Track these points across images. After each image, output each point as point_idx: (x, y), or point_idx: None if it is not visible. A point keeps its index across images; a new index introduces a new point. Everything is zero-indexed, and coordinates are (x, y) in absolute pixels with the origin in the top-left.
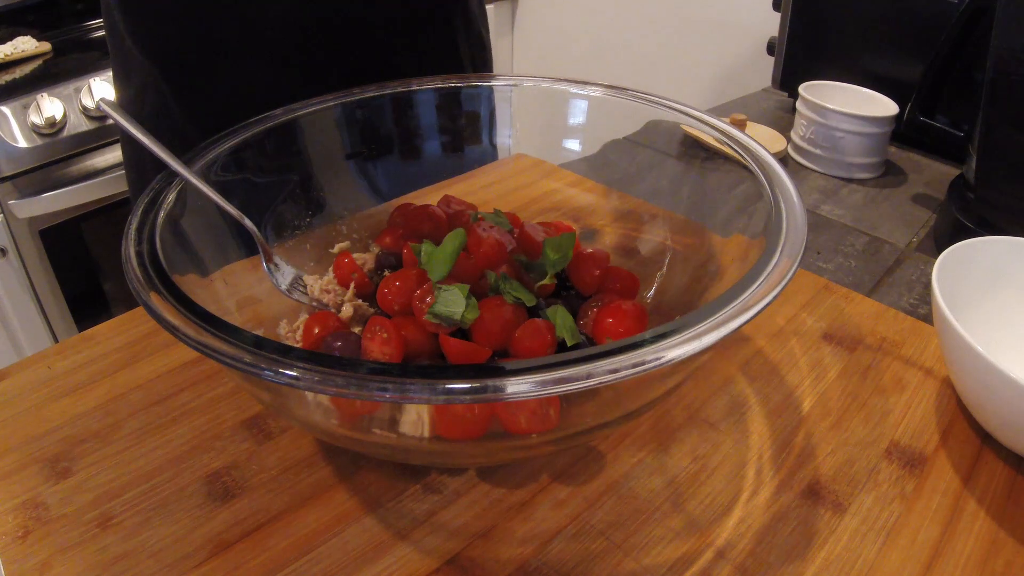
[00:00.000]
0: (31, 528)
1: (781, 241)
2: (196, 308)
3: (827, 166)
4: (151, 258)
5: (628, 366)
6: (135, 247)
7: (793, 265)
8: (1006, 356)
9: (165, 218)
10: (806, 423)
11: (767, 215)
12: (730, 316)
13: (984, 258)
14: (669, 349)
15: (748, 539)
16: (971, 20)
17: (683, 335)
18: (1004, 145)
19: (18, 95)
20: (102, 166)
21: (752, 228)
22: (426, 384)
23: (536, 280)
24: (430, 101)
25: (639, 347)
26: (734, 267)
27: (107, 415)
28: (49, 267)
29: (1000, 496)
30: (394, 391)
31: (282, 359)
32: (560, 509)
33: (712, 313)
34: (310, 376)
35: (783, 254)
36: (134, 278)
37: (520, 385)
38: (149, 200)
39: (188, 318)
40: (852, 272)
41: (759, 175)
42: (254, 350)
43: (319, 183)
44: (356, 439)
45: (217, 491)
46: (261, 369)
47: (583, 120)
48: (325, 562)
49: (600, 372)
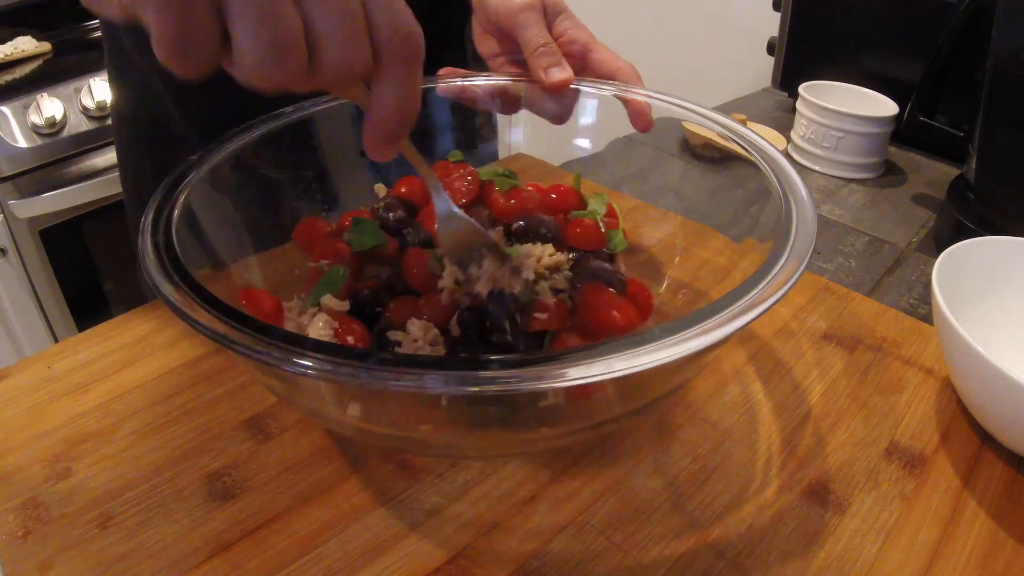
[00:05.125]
0: (31, 528)
1: (790, 241)
2: (217, 302)
3: (827, 166)
4: (168, 250)
5: (633, 362)
6: (152, 238)
7: (801, 265)
8: (1006, 356)
9: (180, 214)
10: (806, 423)
11: (776, 215)
12: (740, 311)
13: (984, 258)
14: (682, 343)
15: (748, 539)
16: (971, 20)
17: (693, 329)
18: (1004, 145)
19: (18, 95)
20: (102, 166)
21: (761, 228)
22: (453, 375)
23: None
24: (442, 99)
25: (649, 341)
26: (743, 266)
27: (107, 415)
28: (49, 267)
29: (1000, 496)
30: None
31: (295, 349)
32: (560, 509)
33: (722, 308)
34: (329, 367)
35: (791, 254)
36: (151, 270)
37: (546, 380)
38: (163, 196)
39: (207, 310)
40: (852, 272)
41: (768, 172)
42: (284, 345)
43: (334, 179)
44: (387, 434)
45: (217, 491)
46: (286, 363)
47: (590, 120)
48: (325, 562)
49: (593, 370)
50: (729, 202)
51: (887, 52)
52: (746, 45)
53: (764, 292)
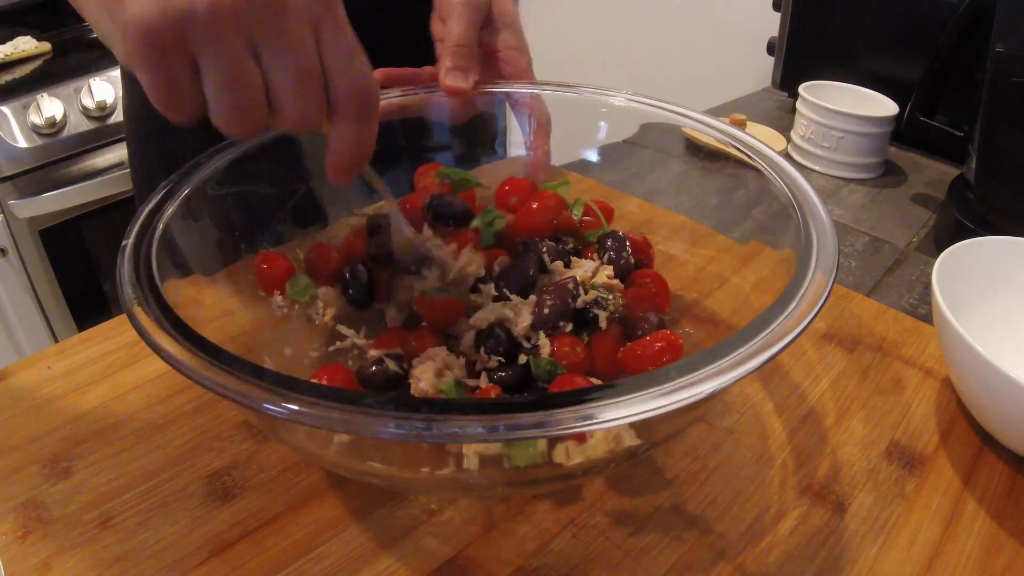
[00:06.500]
0: (31, 528)
1: (813, 257)
2: (194, 336)
3: (827, 166)
4: (148, 278)
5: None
6: (131, 264)
7: (829, 281)
8: (1006, 356)
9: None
10: (806, 423)
11: (795, 230)
12: (768, 343)
13: (984, 258)
14: (712, 378)
15: (748, 539)
16: (971, 20)
17: (724, 361)
18: (1004, 145)
19: (18, 95)
20: (102, 166)
21: (765, 231)
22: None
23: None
24: (439, 107)
25: (680, 376)
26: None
27: (107, 415)
28: (49, 267)
29: (1000, 496)
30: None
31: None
32: (560, 509)
33: (751, 337)
34: (315, 412)
35: (817, 269)
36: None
37: (562, 425)
38: (149, 211)
39: (192, 352)
40: (852, 272)
41: (779, 184)
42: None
43: (325, 191)
44: (405, 478)
45: (217, 491)
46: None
47: (588, 125)
48: (325, 562)
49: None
50: (730, 203)
51: (887, 52)
52: (746, 45)
53: (797, 313)
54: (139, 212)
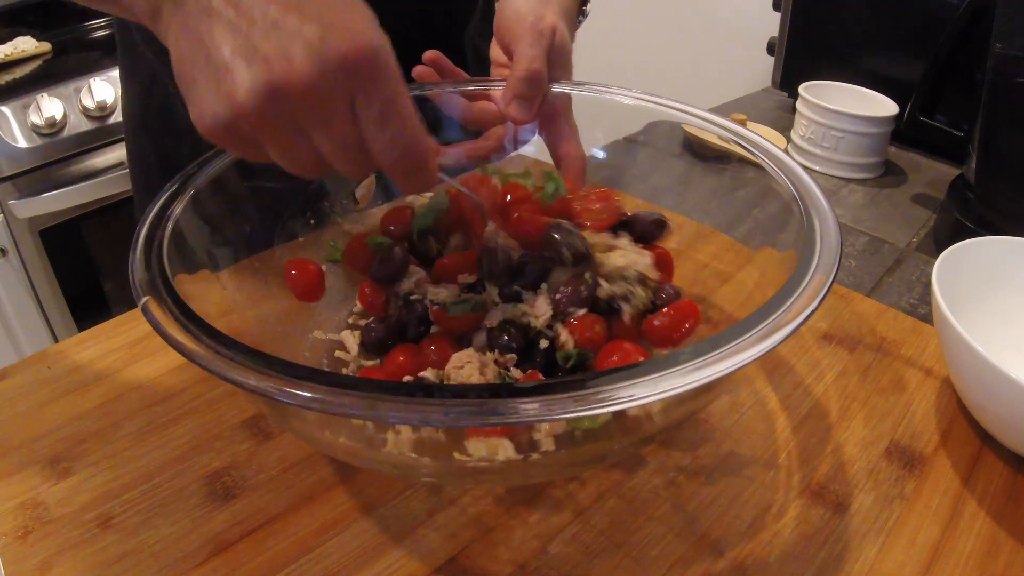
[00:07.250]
0: (31, 528)
1: (816, 254)
2: (207, 328)
3: (827, 166)
4: (160, 272)
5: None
6: (143, 255)
7: (829, 279)
8: (1006, 356)
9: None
10: (806, 423)
11: (797, 228)
12: (770, 329)
13: (984, 258)
14: (715, 363)
15: (748, 539)
16: (971, 20)
17: (726, 348)
18: (1004, 145)
19: (18, 95)
20: (102, 166)
21: (768, 231)
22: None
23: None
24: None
25: (678, 363)
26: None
27: (107, 415)
28: (49, 267)
29: (1000, 496)
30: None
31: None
32: (560, 509)
33: (752, 327)
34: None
35: (818, 268)
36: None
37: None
38: (159, 208)
39: (207, 344)
40: (852, 272)
41: (784, 181)
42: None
43: (338, 186)
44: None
45: (217, 491)
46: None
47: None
48: (325, 562)
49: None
50: (731, 203)
51: (887, 52)
52: (746, 45)
53: (796, 306)
54: (148, 210)
